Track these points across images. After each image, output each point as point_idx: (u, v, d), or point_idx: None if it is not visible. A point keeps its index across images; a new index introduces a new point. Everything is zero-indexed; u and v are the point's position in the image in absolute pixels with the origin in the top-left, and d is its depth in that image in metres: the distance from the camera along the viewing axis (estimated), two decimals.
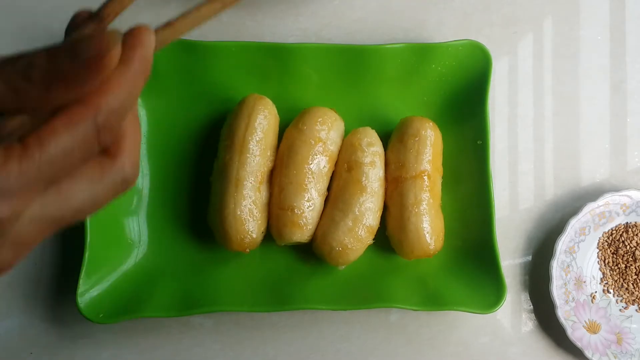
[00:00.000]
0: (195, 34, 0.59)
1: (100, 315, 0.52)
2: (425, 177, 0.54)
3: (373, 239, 0.54)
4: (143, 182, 0.57)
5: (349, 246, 0.53)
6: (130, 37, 0.27)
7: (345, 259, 0.53)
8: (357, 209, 0.53)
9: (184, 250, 0.57)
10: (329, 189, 0.55)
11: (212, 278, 0.56)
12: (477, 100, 0.57)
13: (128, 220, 0.56)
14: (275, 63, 0.56)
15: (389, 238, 0.55)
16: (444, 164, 0.57)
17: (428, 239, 0.53)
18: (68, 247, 0.57)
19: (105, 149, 0.26)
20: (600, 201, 0.58)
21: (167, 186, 0.57)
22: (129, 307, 0.53)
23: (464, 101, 0.58)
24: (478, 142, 0.56)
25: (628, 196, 0.59)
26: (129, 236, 0.56)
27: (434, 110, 0.58)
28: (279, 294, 0.55)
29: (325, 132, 0.54)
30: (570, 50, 0.63)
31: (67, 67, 0.23)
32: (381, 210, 0.55)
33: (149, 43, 0.28)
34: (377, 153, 0.55)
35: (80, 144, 0.24)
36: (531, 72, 0.62)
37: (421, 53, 0.57)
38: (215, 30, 0.60)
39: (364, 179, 0.53)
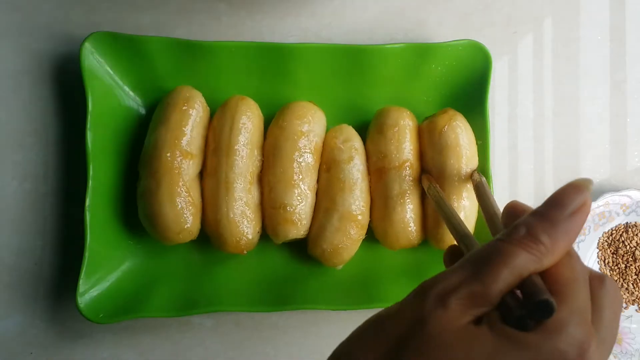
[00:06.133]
0: (196, 34, 0.59)
1: (100, 315, 0.52)
2: (407, 167, 0.54)
3: (366, 234, 0.54)
4: None
5: (340, 245, 0.53)
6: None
7: (340, 259, 0.53)
8: (341, 207, 0.53)
9: (183, 250, 0.57)
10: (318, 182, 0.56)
11: (212, 278, 0.56)
12: (477, 100, 0.57)
13: (128, 220, 0.56)
14: (275, 63, 0.56)
15: (372, 229, 0.55)
16: None
17: (413, 229, 0.53)
18: (68, 247, 0.57)
19: None
20: (600, 201, 0.58)
21: None
22: (129, 307, 0.53)
23: (464, 101, 0.58)
24: (478, 142, 0.56)
25: (628, 196, 0.59)
26: (129, 236, 0.56)
27: (433, 110, 0.58)
28: (279, 294, 0.55)
29: (307, 125, 0.54)
30: (570, 50, 0.63)
31: (557, 217, 0.29)
32: (368, 204, 0.55)
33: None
34: (354, 148, 0.55)
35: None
36: (531, 72, 0.62)
37: (421, 53, 0.57)
38: (215, 30, 0.60)
39: (342, 176, 0.53)
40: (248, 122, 0.54)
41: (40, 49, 0.58)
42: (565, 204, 0.29)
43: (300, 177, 0.53)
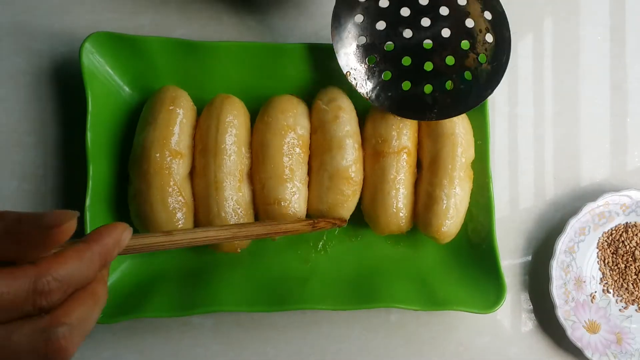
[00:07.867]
0: (196, 34, 0.59)
1: (101, 316, 0.52)
2: (405, 153, 0.54)
3: (359, 233, 0.54)
4: None
5: (335, 203, 0.53)
6: (106, 227, 0.32)
7: (338, 216, 0.53)
8: (329, 167, 0.53)
9: (183, 250, 0.57)
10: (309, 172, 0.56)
11: (211, 278, 0.56)
12: None
13: (127, 220, 0.55)
14: (275, 63, 0.56)
15: (363, 212, 0.55)
16: None
17: (404, 214, 0.54)
18: None
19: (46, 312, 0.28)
20: (600, 201, 0.58)
21: None
22: (129, 307, 0.53)
23: None
24: (478, 142, 0.56)
25: (628, 196, 0.59)
26: None
27: None
28: (279, 294, 0.55)
29: (292, 119, 0.54)
30: (570, 50, 0.63)
31: (28, 228, 0.27)
32: (361, 160, 0.54)
33: (117, 236, 0.32)
34: (340, 107, 0.54)
35: (13, 297, 0.27)
36: (531, 72, 0.62)
37: None
38: (215, 30, 0.60)
39: (328, 136, 0.53)
40: (234, 121, 0.54)
41: (40, 49, 0.58)
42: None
43: (291, 170, 0.53)
